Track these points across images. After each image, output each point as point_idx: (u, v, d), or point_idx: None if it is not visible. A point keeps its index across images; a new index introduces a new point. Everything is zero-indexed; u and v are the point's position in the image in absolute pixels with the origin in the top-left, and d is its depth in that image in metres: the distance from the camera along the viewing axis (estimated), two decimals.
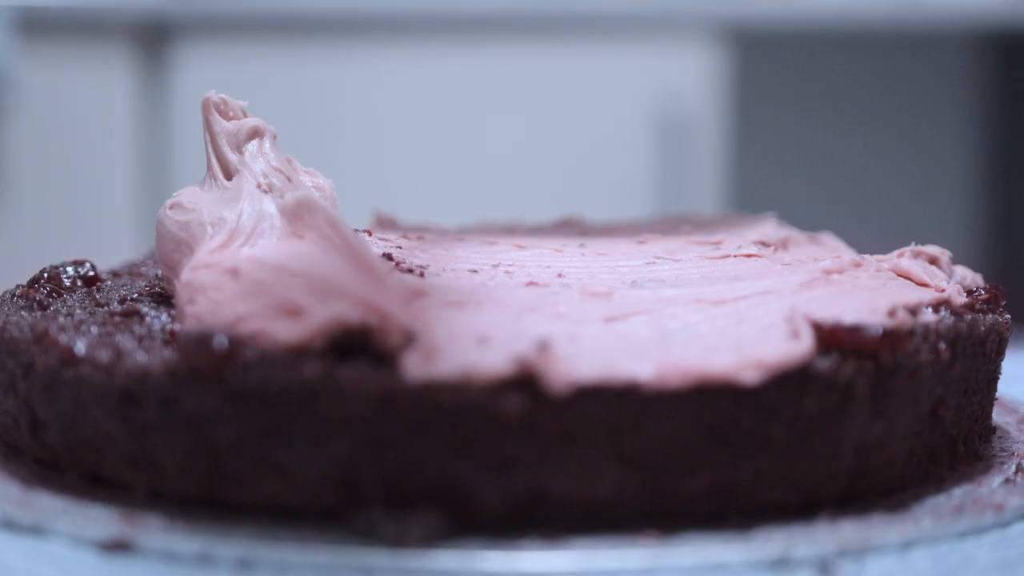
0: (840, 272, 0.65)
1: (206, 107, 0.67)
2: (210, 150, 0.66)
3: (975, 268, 0.72)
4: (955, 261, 0.71)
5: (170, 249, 0.63)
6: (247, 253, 0.60)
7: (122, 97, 1.99)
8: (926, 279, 0.65)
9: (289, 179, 0.65)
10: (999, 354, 0.64)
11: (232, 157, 0.65)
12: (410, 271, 0.64)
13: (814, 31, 2.08)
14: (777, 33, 2.11)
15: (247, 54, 1.90)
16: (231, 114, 0.67)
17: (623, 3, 1.94)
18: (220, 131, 0.66)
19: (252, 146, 0.66)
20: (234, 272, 0.58)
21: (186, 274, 0.60)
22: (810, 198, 2.30)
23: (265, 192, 0.63)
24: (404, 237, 0.72)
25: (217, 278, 0.58)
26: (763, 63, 2.22)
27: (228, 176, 0.65)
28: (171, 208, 0.64)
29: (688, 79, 1.98)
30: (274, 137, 0.67)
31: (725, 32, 1.99)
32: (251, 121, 0.67)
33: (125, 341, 0.58)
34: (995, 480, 0.61)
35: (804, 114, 2.33)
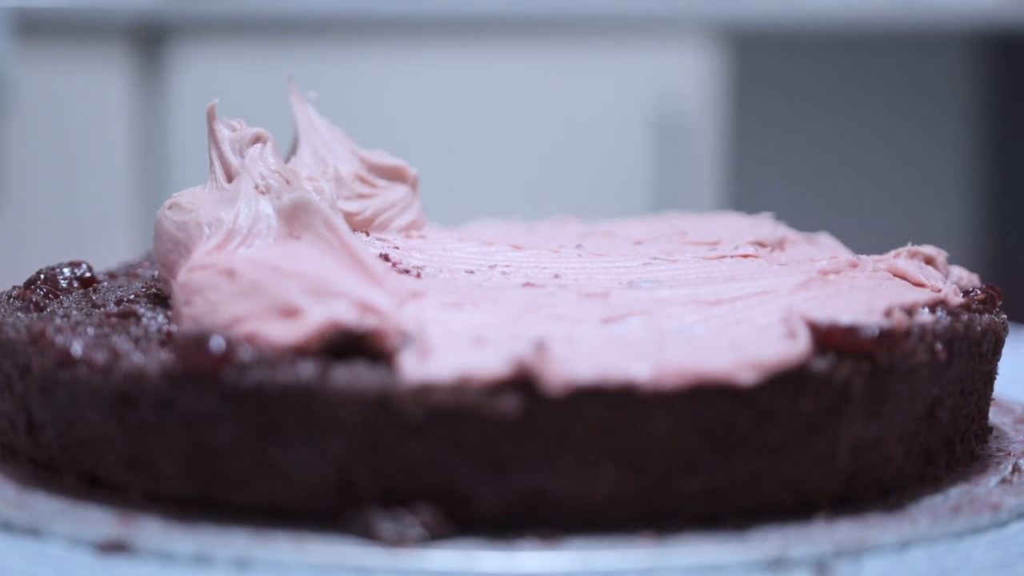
0: (836, 273, 0.65)
1: (211, 115, 0.67)
2: (213, 154, 0.66)
3: (971, 268, 0.72)
4: (951, 261, 0.71)
5: (167, 249, 0.63)
6: (243, 254, 0.60)
7: (119, 98, 1.99)
8: (922, 279, 0.65)
9: (288, 182, 0.65)
10: (995, 354, 0.64)
11: (234, 160, 0.66)
12: (407, 272, 0.64)
13: (811, 32, 2.08)
14: (774, 34, 2.11)
15: (243, 55, 1.90)
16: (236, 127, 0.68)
17: (620, 4, 1.94)
18: (224, 136, 0.67)
19: (254, 150, 0.66)
20: (230, 273, 0.58)
21: (183, 275, 0.60)
22: (807, 198, 2.30)
23: (263, 193, 0.63)
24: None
25: (213, 279, 0.58)
26: (760, 64, 2.22)
27: (230, 179, 0.65)
28: (170, 208, 0.64)
29: (685, 80, 1.98)
30: (275, 144, 0.67)
31: (722, 33, 1.99)
32: (252, 129, 0.67)
33: (121, 342, 0.58)
34: (991, 480, 0.61)
35: (801, 115, 2.34)
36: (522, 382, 0.53)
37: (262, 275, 0.57)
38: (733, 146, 2.12)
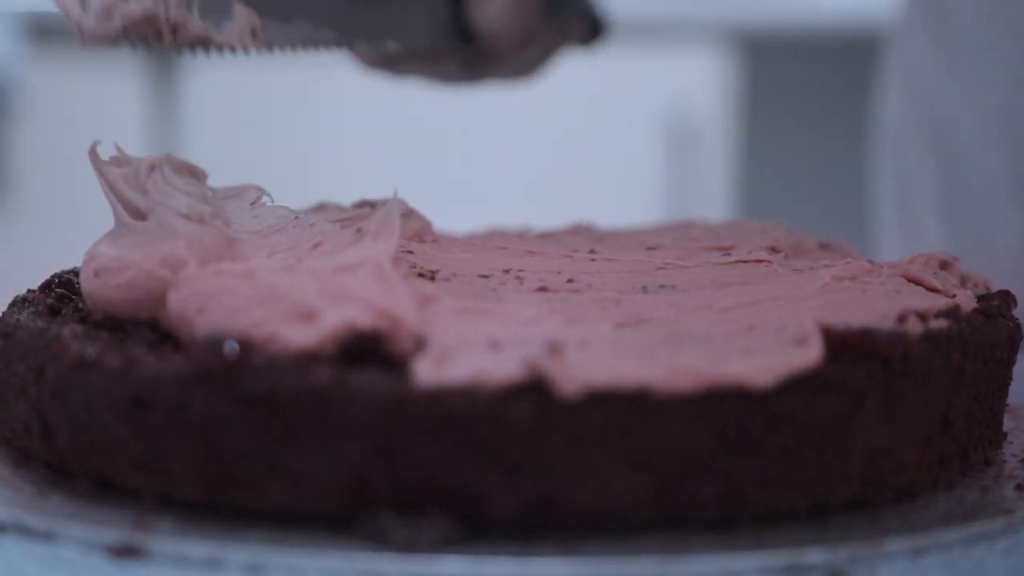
0: (851, 278, 0.65)
1: (93, 157, 0.66)
2: (113, 199, 0.64)
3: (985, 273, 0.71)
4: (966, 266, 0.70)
5: (136, 298, 0.60)
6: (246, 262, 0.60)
7: (131, 102, 1.99)
8: (937, 285, 0.65)
9: (207, 202, 0.64)
10: (1010, 359, 0.64)
11: (138, 198, 0.64)
12: (421, 276, 0.64)
13: (823, 37, 2.08)
14: (785, 39, 2.11)
15: (256, 59, 1.90)
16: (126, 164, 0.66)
17: (633, 10, 1.94)
18: (116, 176, 0.65)
19: (156, 180, 0.65)
20: (249, 276, 0.58)
21: (187, 284, 0.59)
22: (820, 203, 2.30)
23: (199, 221, 0.62)
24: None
25: (231, 283, 0.58)
26: (772, 69, 2.23)
27: (139, 217, 0.64)
28: (97, 275, 0.62)
29: (697, 85, 1.98)
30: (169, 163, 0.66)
31: (734, 38, 1.99)
32: (143, 159, 0.65)
33: (135, 346, 0.58)
34: (1006, 486, 0.61)
35: (813, 119, 2.34)
36: (536, 386, 0.53)
37: (279, 278, 0.57)
38: (745, 151, 2.12)
